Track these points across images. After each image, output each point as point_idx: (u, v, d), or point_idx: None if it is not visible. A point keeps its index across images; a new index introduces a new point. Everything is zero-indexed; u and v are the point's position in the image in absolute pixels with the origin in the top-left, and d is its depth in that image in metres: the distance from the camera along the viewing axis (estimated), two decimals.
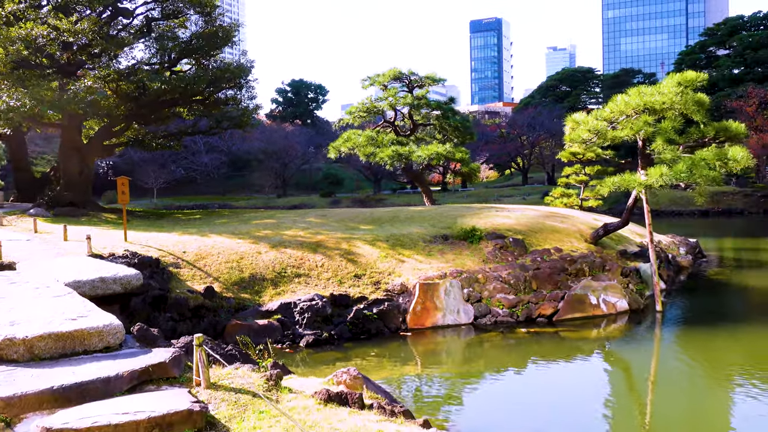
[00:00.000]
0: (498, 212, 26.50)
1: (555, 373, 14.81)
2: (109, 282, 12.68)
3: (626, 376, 15.11)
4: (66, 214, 27.69)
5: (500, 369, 15.17)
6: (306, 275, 19.14)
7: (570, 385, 14.09)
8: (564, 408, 12.35)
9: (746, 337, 17.38)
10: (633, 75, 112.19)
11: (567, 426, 11.37)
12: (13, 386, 7.23)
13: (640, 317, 19.43)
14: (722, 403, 12.54)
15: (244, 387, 7.76)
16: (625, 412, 12.21)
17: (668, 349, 16.84)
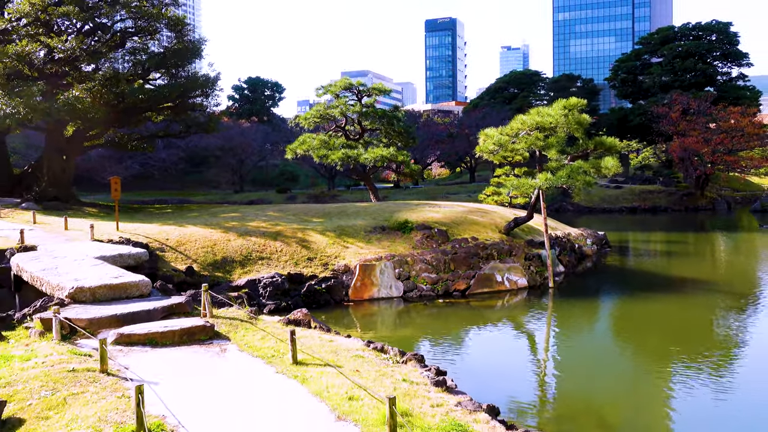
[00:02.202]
0: (430, 208, 31.34)
1: (465, 329, 19.69)
2: (126, 257, 17.03)
3: (520, 330, 20.08)
4: (53, 208, 31.47)
5: (423, 327, 19.96)
6: (268, 258, 23.61)
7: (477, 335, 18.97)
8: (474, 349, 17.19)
9: (614, 304, 22.64)
10: (573, 80, 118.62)
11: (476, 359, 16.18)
12: (89, 314, 11.63)
13: (536, 292, 24.51)
14: (584, 344, 17.57)
15: (234, 317, 12.32)
16: (522, 352, 17.13)
17: (552, 313, 21.92)
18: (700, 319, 20.90)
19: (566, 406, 13.12)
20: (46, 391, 8.53)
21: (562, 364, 16.29)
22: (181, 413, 7.83)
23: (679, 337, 18.81)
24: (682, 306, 22.48)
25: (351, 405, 8.11)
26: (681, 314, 21.45)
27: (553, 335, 19.33)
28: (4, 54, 29.46)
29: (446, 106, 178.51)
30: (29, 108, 29.19)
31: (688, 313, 21.64)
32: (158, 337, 10.95)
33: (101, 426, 7.39)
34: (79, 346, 10.62)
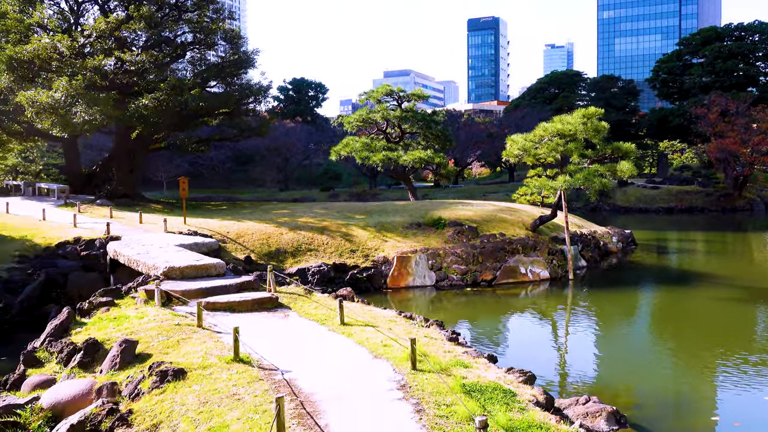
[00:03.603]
0: (463, 206, 34.05)
1: (489, 312, 22.42)
2: (200, 245, 20.28)
3: (538, 313, 22.73)
4: (124, 204, 35.17)
5: (452, 310, 22.76)
6: (315, 250, 26.68)
7: (500, 316, 21.70)
8: (495, 326, 19.93)
9: (628, 295, 25.05)
10: (614, 80, 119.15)
11: (496, 333, 18.93)
12: (181, 287, 14.75)
13: (557, 283, 27.04)
14: (594, 326, 20.17)
15: (293, 292, 15.34)
16: (538, 330, 19.82)
17: (570, 301, 24.47)
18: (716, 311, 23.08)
19: (562, 369, 15.78)
20: (162, 337, 11.63)
21: (571, 340, 18.92)
22: (260, 351, 10.80)
23: (688, 323, 21.22)
24: (698, 298, 24.74)
25: (384, 350, 10.97)
26: (693, 305, 23.76)
27: (567, 318, 21.92)
28: (83, 67, 33.23)
29: (488, 106, 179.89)
30: (105, 115, 32.88)
31: (698, 303, 23.93)
32: (235, 304, 14.02)
33: (208, 357, 10.42)
34: (175, 310, 13.74)
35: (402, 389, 9.01)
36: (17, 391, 11.25)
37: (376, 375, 9.68)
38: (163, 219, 27.45)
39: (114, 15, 37.82)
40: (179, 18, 38.42)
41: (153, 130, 38.30)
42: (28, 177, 51.02)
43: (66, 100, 32.86)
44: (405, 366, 9.99)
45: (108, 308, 14.21)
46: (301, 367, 10.06)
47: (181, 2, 38.55)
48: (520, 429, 7.69)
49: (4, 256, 22.82)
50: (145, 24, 35.39)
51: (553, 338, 19.61)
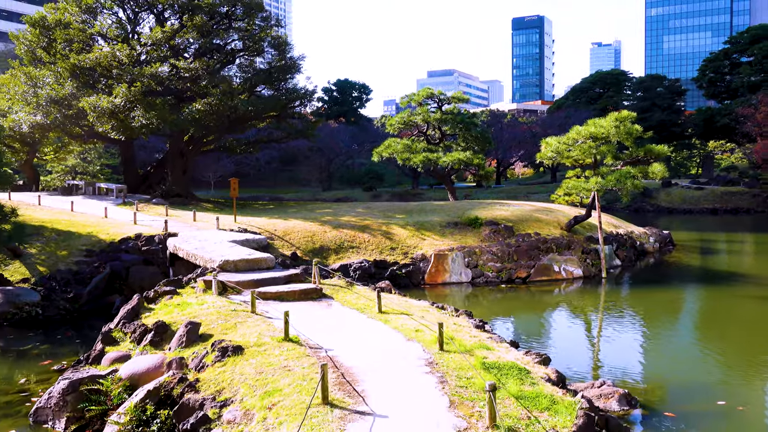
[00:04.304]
0: (500, 206, 35.13)
1: (522, 307, 23.56)
2: (251, 241, 21.95)
3: (569, 308, 23.78)
4: (177, 203, 37.26)
5: (486, 304, 23.96)
6: (357, 247, 28.15)
7: (532, 311, 22.83)
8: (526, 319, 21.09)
9: (660, 293, 25.85)
10: (659, 80, 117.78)
11: (527, 325, 20.11)
12: (235, 278, 16.35)
13: (590, 281, 27.96)
14: (622, 321, 21.18)
15: (336, 284, 16.81)
16: (568, 323, 20.93)
17: (602, 299, 25.41)
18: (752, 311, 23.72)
19: (587, 360, 16.87)
20: (220, 320, 13.21)
21: (599, 335, 19.95)
22: (306, 334, 12.26)
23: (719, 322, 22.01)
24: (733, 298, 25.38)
25: (416, 334, 12.32)
26: (728, 304, 24.44)
27: (598, 314, 22.89)
28: (141, 74, 35.40)
29: (532, 106, 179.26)
30: (160, 119, 34.99)
31: (733, 303, 24.60)
32: (284, 294, 15.54)
33: (261, 337, 11.94)
34: (231, 298, 15.34)
35: (429, 365, 10.35)
36: (98, 365, 12.98)
37: (408, 354, 11.05)
38: (215, 217, 29.27)
39: (169, 24, 40.03)
40: (229, 26, 40.42)
41: (204, 133, 40.34)
42: (87, 177, 53.80)
43: (125, 106, 35.08)
44: (433, 347, 11.33)
45: (171, 296, 15.91)
46: (342, 347, 11.49)
47: (231, 11, 40.50)
48: (528, 397, 8.94)
49: (73, 250, 24.92)
50: (197, 33, 37.45)
51: (581, 332, 20.67)
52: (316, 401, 8.62)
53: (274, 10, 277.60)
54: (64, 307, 21.81)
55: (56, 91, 36.76)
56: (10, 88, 39.58)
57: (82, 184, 44.64)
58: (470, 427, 7.95)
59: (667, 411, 12.29)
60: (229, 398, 9.57)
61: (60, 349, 17.83)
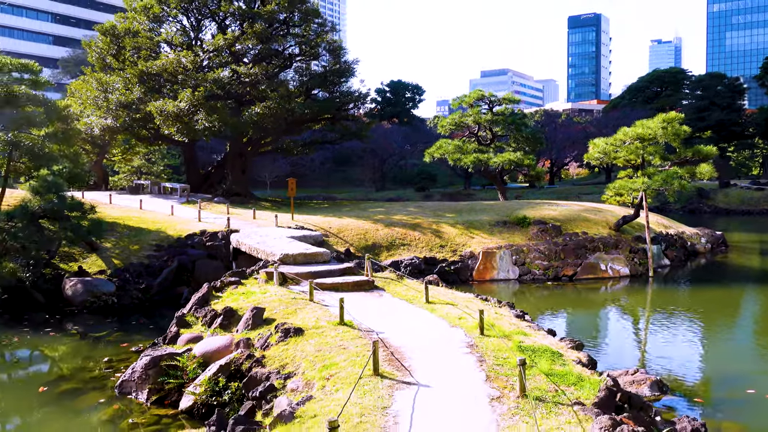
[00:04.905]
0: (549, 206, 35.76)
1: (568, 303, 24.33)
2: (308, 237, 23.40)
3: (614, 305, 24.43)
4: (237, 202, 39.13)
5: (533, 300, 24.82)
6: (408, 244, 29.31)
7: (577, 306, 23.59)
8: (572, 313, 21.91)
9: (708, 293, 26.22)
10: (719, 78, 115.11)
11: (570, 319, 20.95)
12: (294, 270, 17.72)
13: (637, 280, 28.44)
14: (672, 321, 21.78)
15: (387, 277, 18.00)
16: (612, 319, 21.67)
17: (649, 297, 25.93)
18: None
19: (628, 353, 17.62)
20: (282, 307, 14.57)
21: (642, 331, 20.62)
22: (360, 319, 13.48)
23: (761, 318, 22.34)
24: None
25: (459, 321, 13.40)
26: None
27: (642, 310, 23.49)
28: (204, 79, 37.40)
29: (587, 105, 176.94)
30: (222, 122, 36.90)
31: None
32: (339, 285, 16.82)
33: (319, 321, 13.23)
34: (291, 288, 16.70)
35: (470, 347, 11.43)
36: (174, 344, 14.51)
37: (451, 338, 12.15)
38: (273, 215, 30.88)
39: (230, 31, 41.98)
40: (287, 32, 42.17)
41: (262, 135, 42.19)
42: (151, 177, 56.51)
43: (189, 109, 37.11)
44: (475, 332, 12.39)
45: (236, 286, 17.39)
46: (391, 331, 12.67)
47: (289, 18, 42.24)
48: (558, 375, 9.92)
49: (144, 245, 26.85)
50: (257, 39, 39.29)
51: (624, 327, 21.33)
52: (368, 372, 9.83)
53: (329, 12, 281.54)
54: (136, 297, 23.63)
55: (125, 96, 39.09)
56: (82, 93, 42.22)
57: (148, 183, 47.11)
58: (502, 396, 9.01)
59: (697, 397, 13.03)
60: (292, 371, 10.86)
61: (134, 334, 19.51)
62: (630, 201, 47.31)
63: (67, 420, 12.73)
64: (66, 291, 22.77)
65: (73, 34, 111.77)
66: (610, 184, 29.51)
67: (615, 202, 47.01)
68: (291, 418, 8.79)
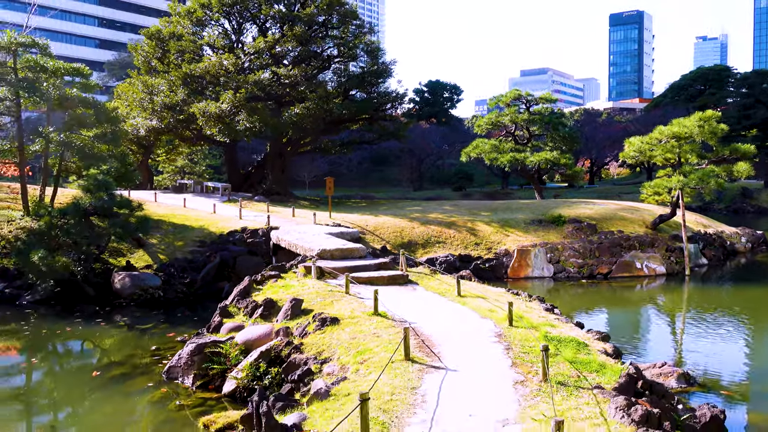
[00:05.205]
0: (585, 205, 35.83)
1: (602, 300, 24.54)
2: (345, 234, 24.09)
3: (649, 303, 24.55)
4: (277, 201, 40.08)
5: (567, 297, 25.09)
6: (443, 242, 29.78)
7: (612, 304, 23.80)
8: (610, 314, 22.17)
9: (744, 292, 26.13)
10: (764, 76, 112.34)
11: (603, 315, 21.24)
12: (331, 265, 18.39)
13: (674, 279, 28.43)
14: (707, 320, 21.87)
15: (421, 272, 18.56)
16: (650, 320, 21.88)
17: (685, 296, 25.95)
18: None
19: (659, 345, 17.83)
20: (319, 298, 15.25)
21: (676, 329, 20.76)
22: (393, 310, 14.06)
23: None
24: None
25: (489, 313, 13.87)
26: None
27: (677, 308, 23.58)
28: (245, 81, 38.45)
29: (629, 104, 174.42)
30: (263, 123, 37.89)
31: None
32: (374, 279, 17.44)
33: (354, 312, 13.85)
34: (328, 282, 17.38)
35: (498, 337, 11.91)
36: (217, 333, 15.31)
37: (480, 328, 12.65)
38: (311, 213, 31.67)
39: (270, 33, 42.99)
40: (326, 35, 43.02)
41: (302, 135, 43.09)
42: (193, 176, 58.02)
43: (231, 110, 38.19)
44: (504, 323, 12.86)
45: (276, 279, 18.15)
46: (423, 321, 13.23)
47: (327, 20, 43.07)
48: (581, 362, 10.34)
49: (188, 241, 27.89)
50: (296, 41, 40.21)
51: (658, 324, 21.48)
52: (399, 357, 10.41)
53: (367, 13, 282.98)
54: (180, 291, 24.62)
55: (169, 98, 40.37)
56: (129, 95, 43.72)
57: (191, 183, 48.44)
58: (526, 380, 9.48)
59: (723, 390, 13.27)
60: (328, 357, 11.50)
61: (179, 325, 20.42)
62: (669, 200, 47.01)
63: (118, 402, 13.59)
64: (115, 284, 23.85)
65: (119, 37, 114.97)
66: (646, 183, 29.55)
67: (654, 201, 46.69)
68: (326, 395, 9.43)
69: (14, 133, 29.48)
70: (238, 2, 41.84)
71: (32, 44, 28.34)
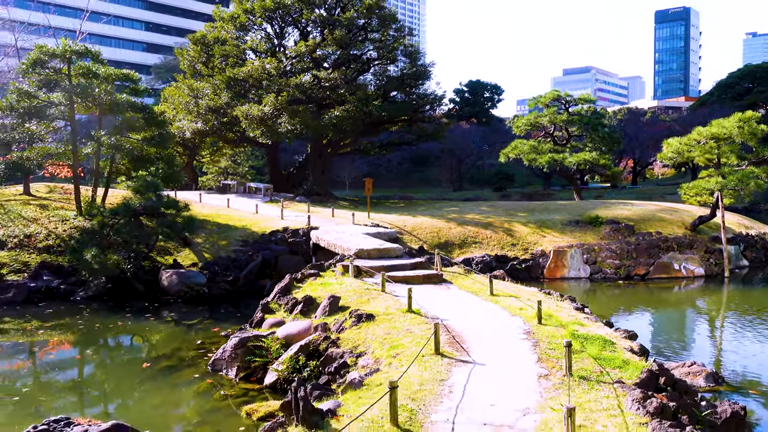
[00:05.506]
0: (623, 206, 35.78)
1: (639, 302, 24.65)
2: (383, 234, 24.74)
3: (690, 307, 24.56)
4: (317, 201, 40.95)
5: (603, 298, 25.26)
6: (480, 242, 30.17)
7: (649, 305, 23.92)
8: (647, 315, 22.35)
9: None
10: None
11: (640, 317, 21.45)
12: (368, 264, 19.02)
13: (713, 280, 28.31)
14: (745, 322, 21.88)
15: (455, 272, 19.06)
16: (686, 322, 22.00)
17: (722, 296, 25.86)
18: None
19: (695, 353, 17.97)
20: (356, 296, 15.89)
21: (713, 331, 20.80)
22: (426, 308, 14.62)
23: None
24: None
25: (520, 311, 14.32)
26: None
27: (715, 310, 23.55)
28: (287, 85, 39.41)
29: (675, 102, 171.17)
30: (304, 125, 38.80)
31: None
32: (409, 278, 18.01)
33: (389, 309, 14.46)
34: (364, 280, 18.02)
35: (526, 334, 12.37)
36: (259, 328, 16.09)
37: (510, 325, 13.11)
38: (351, 213, 32.40)
39: (311, 37, 43.92)
40: (365, 38, 43.76)
41: (341, 137, 43.92)
42: (236, 177, 59.41)
43: (273, 113, 39.22)
44: (533, 321, 13.31)
45: (315, 277, 18.88)
46: (454, 318, 13.76)
47: (367, 23, 43.81)
48: (605, 359, 10.73)
49: (231, 240, 28.88)
50: (337, 45, 41.04)
51: (694, 326, 21.53)
52: (429, 352, 10.97)
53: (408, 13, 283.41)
54: (224, 288, 25.58)
55: (214, 101, 41.63)
56: (175, 98, 45.19)
57: (234, 183, 49.72)
58: (550, 374, 9.95)
59: (755, 391, 13.46)
60: (363, 351, 12.13)
61: (223, 321, 21.31)
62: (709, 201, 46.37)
63: (167, 391, 14.45)
64: (162, 282, 24.92)
65: (165, 41, 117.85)
66: (684, 184, 29.48)
67: (695, 203, 46.13)
68: (360, 385, 10.06)
69: (68, 136, 30.90)
70: (280, 7, 42.86)
71: (85, 52, 29.69)
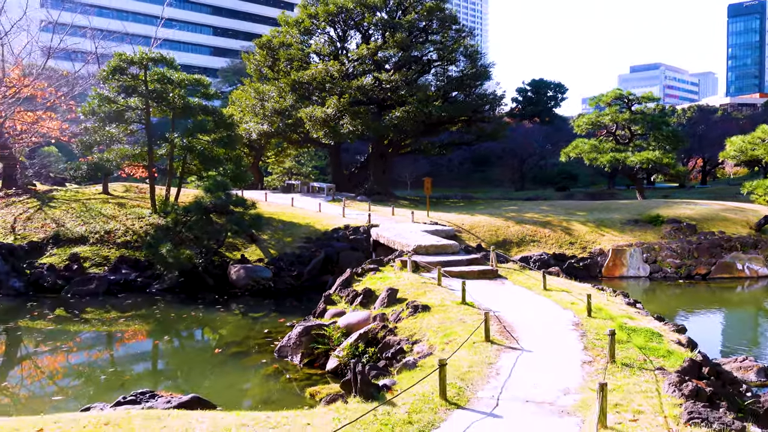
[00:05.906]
0: (686, 206, 35.38)
1: (699, 301, 24.58)
2: (440, 232, 25.47)
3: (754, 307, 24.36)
4: (378, 200, 41.91)
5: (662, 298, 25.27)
6: (538, 241, 30.48)
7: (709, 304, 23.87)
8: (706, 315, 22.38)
9: None
10: None
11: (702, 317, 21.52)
12: (426, 260, 19.79)
13: None
14: None
15: (510, 268, 19.59)
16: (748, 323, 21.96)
17: None
18: None
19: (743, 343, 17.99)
20: (413, 289, 16.69)
21: None
22: (480, 300, 15.28)
23: None
24: None
25: (571, 305, 14.81)
26: None
27: None
28: (349, 87, 40.54)
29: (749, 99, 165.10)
30: (365, 126, 39.83)
31: None
32: (465, 273, 18.68)
33: (444, 301, 15.21)
34: (422, 275, 18.79)
35: (575, 326, 12.89)
36: (322, 318, 17.09)
37: (560, 318, 13.65)
38: (410, 212, 33.18)
39: (372, 40, 44.92)
40: (426, 40, 44.49)
41: (402, 137, 44.78)
42: (300, 177, 61.08)
43: (335, 115, 40.40)
44: (583, 314, 13.80)
45: (374, 272, 19.77)
46: (506, 310, 14.38)
47: (427, 25, 44.53)
48: (650, 349, 11.16)
49: (295, 237, 30.11)
50: (398, 47, 41.93)
51: (757, 326, 21.40)
52: (480, 339, 11.66)
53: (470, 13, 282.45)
54: (289, 282, 26.78)
55: (279, 104, 43.13)
56: (242, 101, 47.00)
57: (297, 183, 51.25)
58: (593, 361, 10.49)
59: None
60: (419, 339, 12.92)
61: (287, 313, 22.43)
62: None
63: (237, 374, 15.59)
64: (231, 276, 26.29)
65: (231, 45, 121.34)
66: (747, 183, 29.03)
67: (763, 202, 45.02)
68: (414, 366, 10.85)
69: (144, 138, 32.79)
70: (342, 11, 44.04)
71: (161, 59, 31.47)
